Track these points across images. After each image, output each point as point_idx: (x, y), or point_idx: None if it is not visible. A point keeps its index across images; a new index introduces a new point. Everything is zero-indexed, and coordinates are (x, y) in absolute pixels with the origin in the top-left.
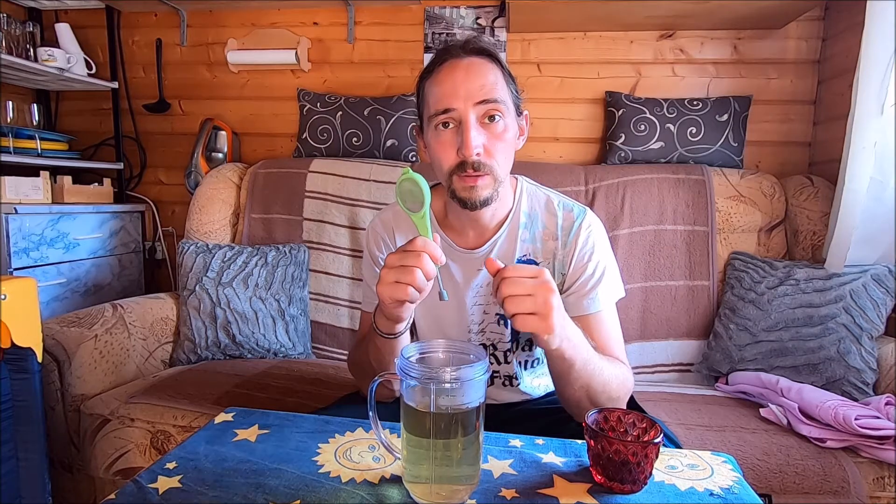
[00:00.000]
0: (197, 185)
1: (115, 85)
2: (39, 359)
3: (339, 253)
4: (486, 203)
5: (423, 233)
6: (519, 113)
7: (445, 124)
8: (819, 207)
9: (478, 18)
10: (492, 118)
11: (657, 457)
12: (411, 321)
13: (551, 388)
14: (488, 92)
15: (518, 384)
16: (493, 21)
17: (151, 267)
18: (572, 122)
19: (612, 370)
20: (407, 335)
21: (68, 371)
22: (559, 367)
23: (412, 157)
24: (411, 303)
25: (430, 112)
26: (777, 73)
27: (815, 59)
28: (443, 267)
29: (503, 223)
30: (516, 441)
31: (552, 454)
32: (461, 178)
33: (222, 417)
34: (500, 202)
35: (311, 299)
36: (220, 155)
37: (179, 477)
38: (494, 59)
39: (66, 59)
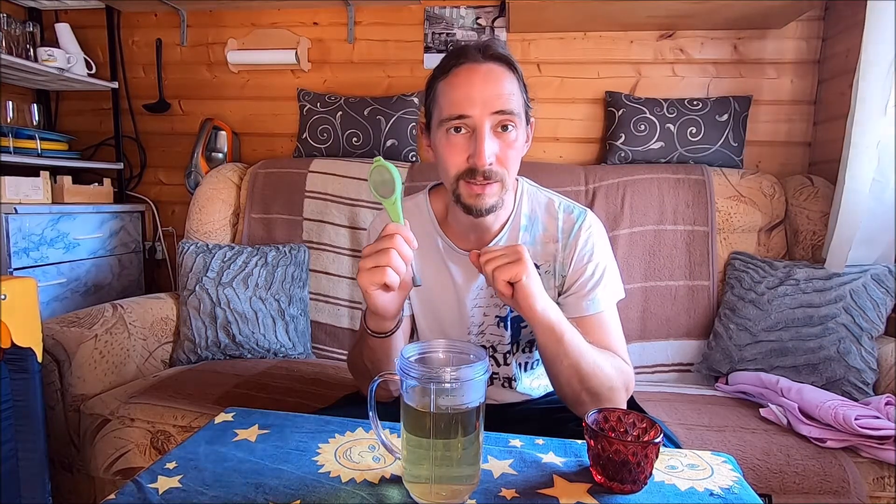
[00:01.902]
0: (197, 185)
1: (115, 85)
2: (39, 359)
3: (339, 253)
4: (490, 210)
5: (395, 218)
6: (527, 120)
7: (457, 129)
8: (819, 207)
9: (478, 18)
10: (504, 127)
11: (657, 457)
12: (401, 320)
13: (550, 388)
14: (505, 102)
15: (516, 386)
16: (493, 21)
17: (151, 267)
18: (572, 122)
19: (601, 356)
20: (399, 335)
21: (68, 371)
22: (546, 340)
23: (412, 157)
24: (391, 288)
25: (442, 115)
26: (777, 73)
27: (815, 59)
28: (443, 269)
29: (504, 226)
30: (516, 441)
31: (552, 454)
32: (469, 184)
33: (222, 417)
34: (503, 206)
35: (311, 299)
36: (220, 155)
37: (179, 477)
38: (512, 66)
39: (66, 59)
